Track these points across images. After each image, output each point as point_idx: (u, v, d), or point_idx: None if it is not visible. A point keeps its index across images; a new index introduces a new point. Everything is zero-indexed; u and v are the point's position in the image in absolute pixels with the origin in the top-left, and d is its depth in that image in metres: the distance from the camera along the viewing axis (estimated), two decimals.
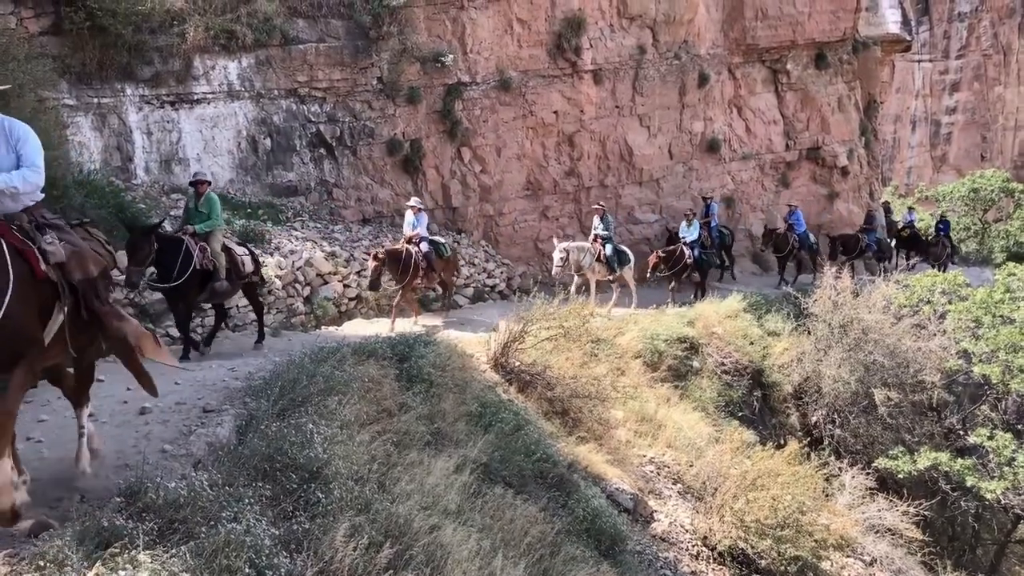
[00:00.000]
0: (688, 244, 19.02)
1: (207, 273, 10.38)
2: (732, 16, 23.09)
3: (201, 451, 6.36)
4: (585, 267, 16.51)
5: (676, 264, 18.56)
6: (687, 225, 19.47)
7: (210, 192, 11.00)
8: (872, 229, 24.26)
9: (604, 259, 16.85)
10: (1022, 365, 14.81)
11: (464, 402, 9.21)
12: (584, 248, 16.71)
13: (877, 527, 12.86)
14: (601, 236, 17.19)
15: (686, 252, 18.78)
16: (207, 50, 15.07)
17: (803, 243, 21.84)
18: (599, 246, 16.94)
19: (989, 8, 52.38)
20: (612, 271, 17.08)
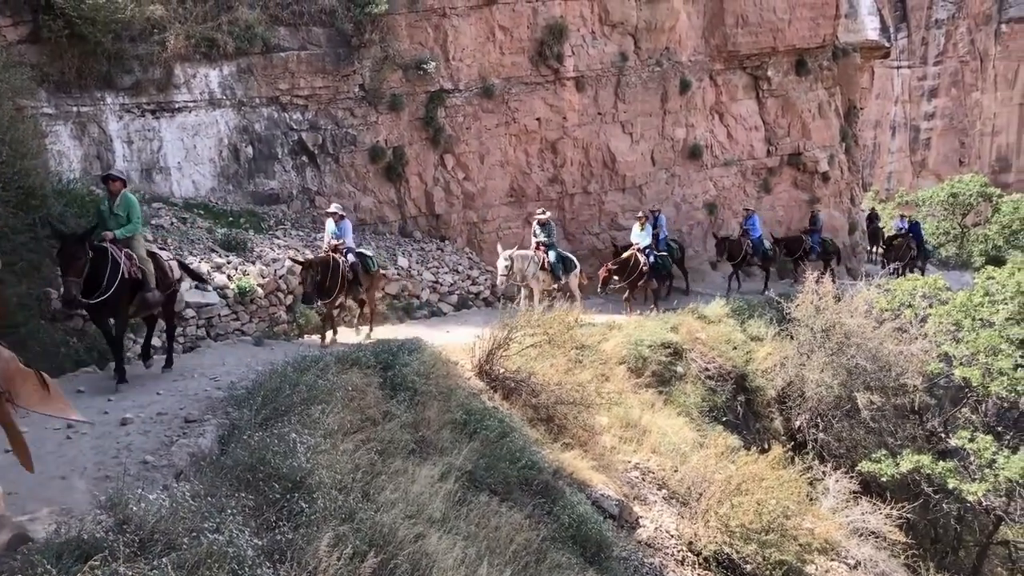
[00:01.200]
0: (641, 250, 17.80)
1: (136, 283, 9.30)
2: (713, 23, 23.24)
3: (183, 462, 6.31)
4: (529, 276, 15.59)
5: (631, 273, 17.43)
6: (639, 229, 18.16)
7: (126, 192, 9.69)
8: (816, 231, 23.61)
9: (548, 267, 15.87)
10: (1002, 368, 14.93)
11: (449, 410, 9.19)
12: (528, 256, 15.69)
13: (861, 530, 12.93)
14: (543, 243, 16.12)
15: (640, 259, 17.60)
16: (188, 58, 15.00)
17: (757, 250, 21.23)
18: (542, 254, 15.93)
19: (966, 15, 53.00)
20: (556, 279, 16.07)
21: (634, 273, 17.44)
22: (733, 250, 20.70)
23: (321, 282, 12.19)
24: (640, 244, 17.84)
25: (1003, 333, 15.42)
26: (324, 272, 12.28)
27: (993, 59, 53.71)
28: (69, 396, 8.13)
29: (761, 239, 21.36)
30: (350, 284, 12.92)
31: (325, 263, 12.41)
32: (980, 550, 16.27)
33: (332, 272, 12.44)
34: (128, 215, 9.47)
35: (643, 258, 17.62)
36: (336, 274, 12.49)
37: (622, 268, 17.29)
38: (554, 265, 15.93)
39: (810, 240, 23.12)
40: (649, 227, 18.30)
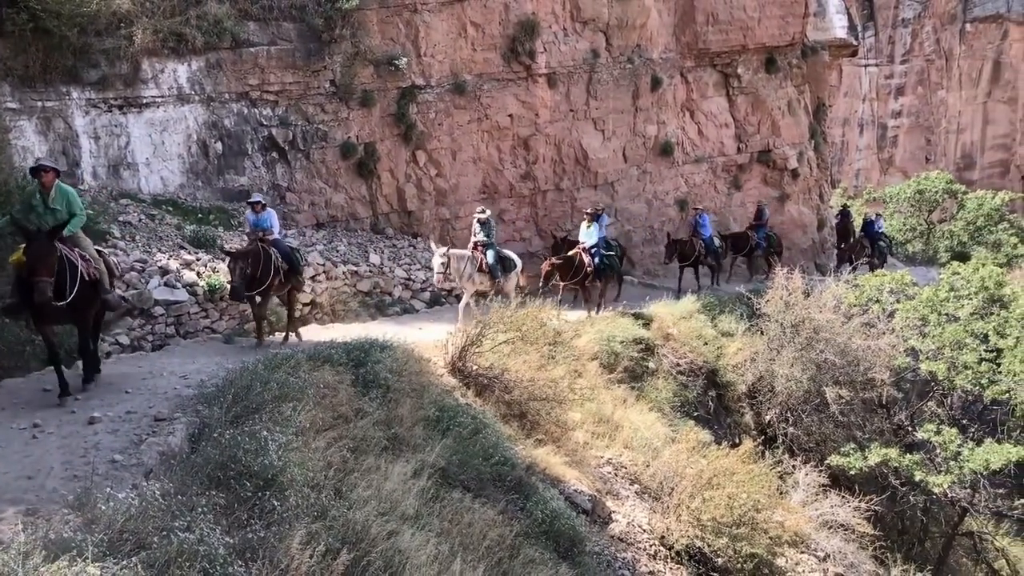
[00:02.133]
0: (587, 249, 16.88)
1: (94, 285, 8.46)
2: (684, 21, 23.37)
3: (153, 460, 6.25)
4: (464, 277, 14.72)
5: (576, 273, 16.51)
6: (587, 228, 17.27)
7: (60, 183, 8.58)
8: (762, 224, 23.41)
9: (487, 268, 14.91)
10: (967, 362, 15.19)
11: (422, 406, 9.18)
12: (465, 256, 14.84)
13: (830, 523, 13.10)
14: (482, 243, 15.17)
15: (586, 259, 16.69)
16: (156, 53, 14.82)
17: (709, 249, 20.96)
18: (480, 254, 14.98)
19: (931, 14, 53.69)
20: (494, 280, 15.08)
21: (579, 273, 16.61)
22: (684, 251, 20.40)
23: (252, 275, 11.31)
24: (587, 243, 17.04)
25: (968, 328, 15.70)
26: (255, 264, 11.34)
27: (958, 58, 54.49)
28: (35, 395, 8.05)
29: (712, 238, 21.22)
30: (285, 277, 12.03)
31: (255, 254, 11.44)
32: (946, 541, 16.54)
33: (264, 264, 11.49)
34: (68, 208, 8.48)
35: (588, 258, 16.79)
36: (268, 267, 11.56)
37: (566, 267, 16.40)
38: (492, 266, 14.99)
39: (756, 235, 23.01)
40: (596, 225, 17.37)
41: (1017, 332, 15.52)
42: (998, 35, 54.17)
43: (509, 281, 15.41)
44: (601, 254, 17.18)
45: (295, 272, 12.42)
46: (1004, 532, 17.35)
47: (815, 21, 26.88)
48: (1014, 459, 14.17)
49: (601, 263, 17.09)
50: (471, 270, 14.80)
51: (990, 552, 16.99)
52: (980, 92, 55.05)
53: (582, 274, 16.58)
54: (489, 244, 15.23)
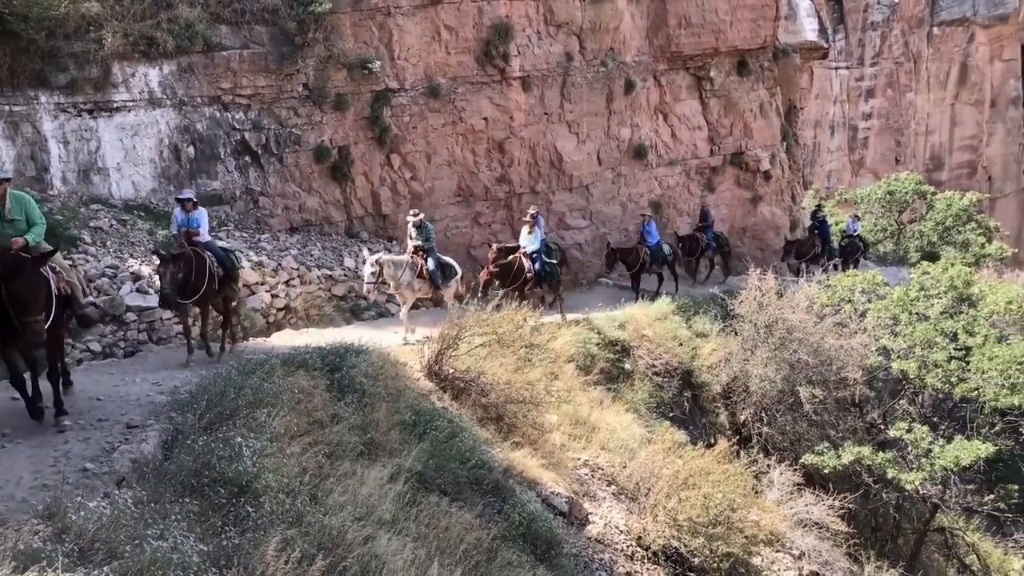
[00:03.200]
0: (528, 255, 16.16)
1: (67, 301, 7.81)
2: (656, 24, 23.49)
3: (125, 468, 6.19)
4: (403, 284, 13.89)
5: (515, 279, 15.72)
6: (527, 232, 16.51)
7: (12, 191, 7.85)
8: (708, 226, 22.92)
9: (427, 275, 14.15)
10: (937, 360, 15.40)
11: (398, 411, 9.16)
12: (401, 262, 13.99)
13: (805, 521, 13.21)
14: (421, 248, 14.35)
15: (526, 264, 15.93)
16: (126, 57, 14.67)
17: (655, 256, 20.19)
18: (420, 260, 14.19)
19: (900, 18, 54.40)
20: (436, 288, 14.41)
21: (518, 279, 15.77)
22: (627, 258, 19.89)
23: (184, 281, 10.31)
24: (527, 248, 16.27)
25: (938, 326, 15.92)
26: (187, 269, 10.36)
27: (926, 61, 55.27)
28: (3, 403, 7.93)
29: (659, 244, 20.49)
30: (220, 283, 11.07)
31: (187, 258, 10.42)
32: (918, 537, 16.74)
33: (197, 269, 10.53)
34: (27, 218, 7.74)
35: (528, 263, 16.03)
36: (202, 272, 10.61)
37: (505, 273, 15.61)
38: (433, 273, 14.18)
39: (706, 237, 22.69)
40: (539, 231, 16.70)
41: (985, 330, 15.78)
42: (965, 38, 55.03)
43: (449, 289, 14.79)
44: (542, 260, 16.48)
45: (231, 278, 11.45)
46: (974, 528, 17.59)
47: (786, 24, 27.15)
48: (983, 455, 14.39)
49: (542, 269, 16.41)
50: (410, 277, 14.00)
51: (961, 547, 17.22)
52: (948, 94, 55.89)
53: (522, 280, 15.84)
54: (429, 249, 14.40)
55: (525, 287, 15.94)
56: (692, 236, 22.70)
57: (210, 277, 10.70)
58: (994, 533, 18.02)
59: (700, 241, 22.50)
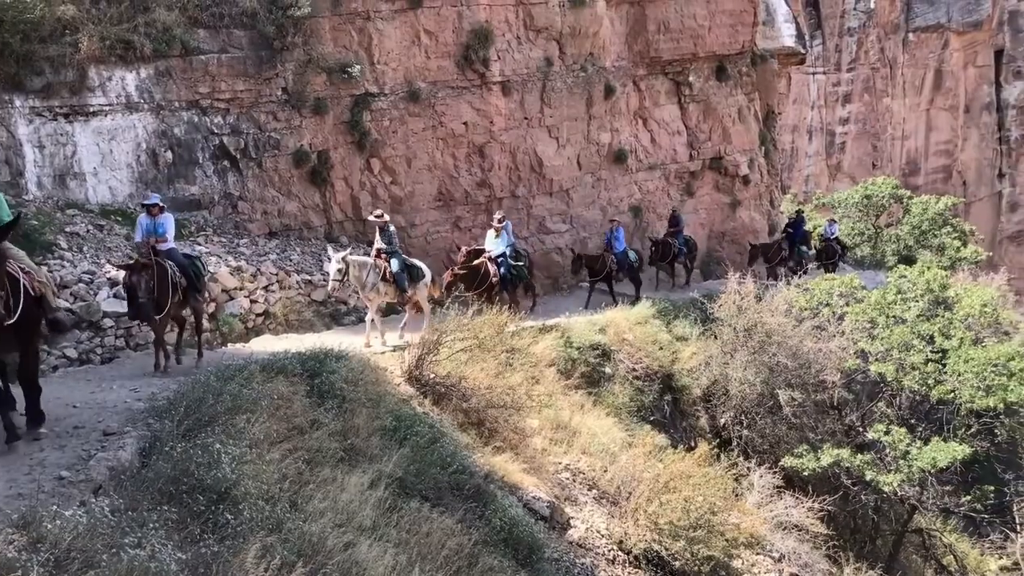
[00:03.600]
0: (494, 259, 16.11)
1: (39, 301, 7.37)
2: (636, 29, 23.61)
3: (102, 476, 6.11)
4: (368, 287, 13.52)
5: (481, 283, 15.62)
6: (493, 236, 16.51)
7: None
8: (679, 230, 22.63)
9: (391, 277, 13.74)
10: (914, 363, 15.56)
11: (378, 416, 9.13)
12: (367, 264, 13.63)
13: (785, 524, 13.29)
14: (384, 250, 14.01)
15: (491, 268, 15.86)
16: (103, 60, 14.54)
17: (621, 264, 20.04)
18: (383, 262, 13.82)
19: (875, 24, 55.02)
20: (402, 291, 13.99)
21: (484, 284, 15.65)
22: (593, 265, 19.66)
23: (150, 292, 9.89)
24: (493, 252, 16.20)
25: (915, 329, 16.08)
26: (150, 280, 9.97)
27: (901, 66, 55.93)
28: None
29: (626, 252, 20.31)
30: (184, 294, 10.64)
31: (148, 268, 10.02)
32: (896, 539, 16.89)
33: (160, 280, 10.10)
34: None
35: (494, 268, 15.93)
36: (164, 283, 10.16)
37: (470, 277, 15.51)
38: (398, 275, 13.78)
39: (677, 242, 22.33)
40: (505, 235, 16.61)
41: (961, 333, 15.95)
42: (939, 44, 55.75)
43: (419, 292, 14.42)
44: (508, 264, 16.36)
45: (195, 288, 10.95)
46: (951, 528, 17.78)
47: (764, 30, 27.36)
48: (960, 457, 14.55)
49: (508, 273, 16.27)
50: (374, 279, 13.57)
51: (938, 548, 17.40)
52: (923, 99, 56.59)
53: (487, 284, 15.69)
54: (393, 252, 14.01)
55: (491, 292, 15.67)
56: (664, 241, 22.37)
57: (172, 289, 10.28)
58: (971, 534, 18.22)
59: (672, 246, 22.22)
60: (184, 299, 10.71)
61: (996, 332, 17.16)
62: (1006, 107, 57.73)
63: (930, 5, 55.39)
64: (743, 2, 25.31)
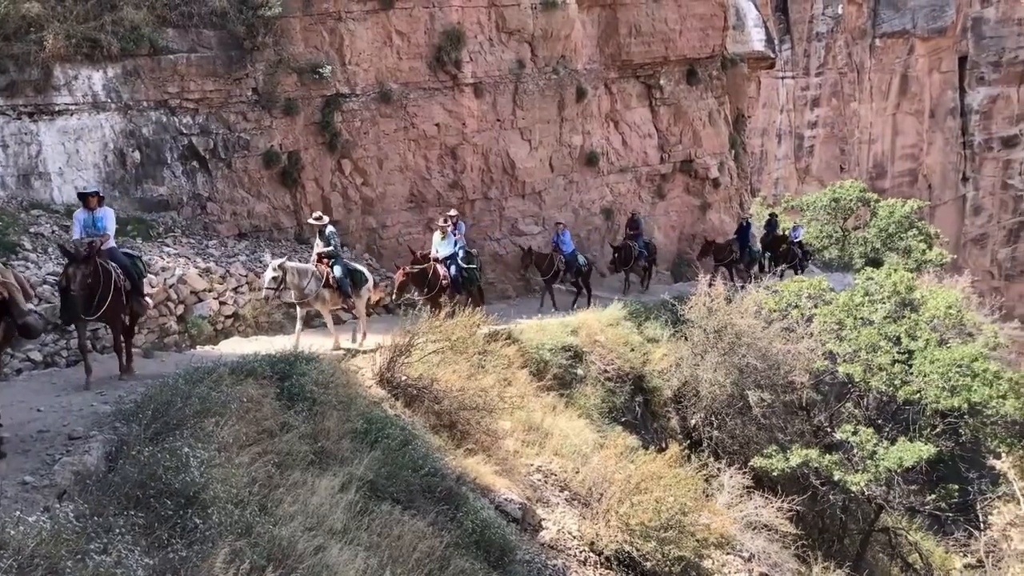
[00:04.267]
0: (441, 261, 15.51)
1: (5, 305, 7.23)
2: (607, 32, 23.72)
3: (66, 481, 6.03)
4: (310, 294, 12.86)
5: (431, 286, 15.10)
6: (440, 238, 15.92)
7: None
8: (639, 234, 22.36)
9: (334, 283, 13.10)
10: (881, 364, 15.76)
11: (349, 419, 9.08)
12: (307, 271, 12.95)
13: (754, 524, 13.40)
14: (325, 255, 13.36)
15: (440, 271, 15.31)
16: (69, 59, 14.33)
17: (570, 265, 19.55)
18: (325, 268, 13.17)
19: (843, 29, 55.79)
20: (345, 297, 13.38)
21: (434, 287, 15.10)
22: (541, 264, 19.19)
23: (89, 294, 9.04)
24: (439, 254, 15.60)
25: (882, 331, 16.30)
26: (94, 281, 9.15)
27: (868, 71, 56.75)
28: None
29: (575, 254, 19.79)
30: (128, 298, 9.80)
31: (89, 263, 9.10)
32: (863, 537, 17.10)
33: (104, 282, 9.22)
34: None
35: (443, 270, 15.36)
36: (108, 285, 9.27)
37: (418, 279, 15.05)
38: (341, 281, 13.13)
39: (638, 245, 22.03)
40: (452, 236, 16.15)
41: (926, 335, 16.20)
42: (905, 50, 56.67)
43: (360, 299, 13.89)
44: (459, 266, 15.77)
45: (138, 291, 10.13)
46: (917, 527, 18.04)
47: (734, 34, 27.61)
48: (925, 457, 14.77)
49: (459, 275, 15.66)
50: (316, 286, 12.91)
51: (904, 547, 17.66)
52: (890, 104, 57.47)
53: (437, 287, 15.14)
54: (335, 256, 13.41)
55: (441, 294, 15.14)
56: (625, 245, 21.98)
57: (116, 291, 9.42)
58: (936, 532, 18.50)
59: (633, 250, 21.87)
60: (127, 303, 9.88)
61: (960, 333, 17.42)
62: (969, 112, 58.82)
63: (896, 11, 56.28)
64: (713, 6, 25.51)
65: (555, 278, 19.51)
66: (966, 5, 57.69)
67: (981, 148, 58.90)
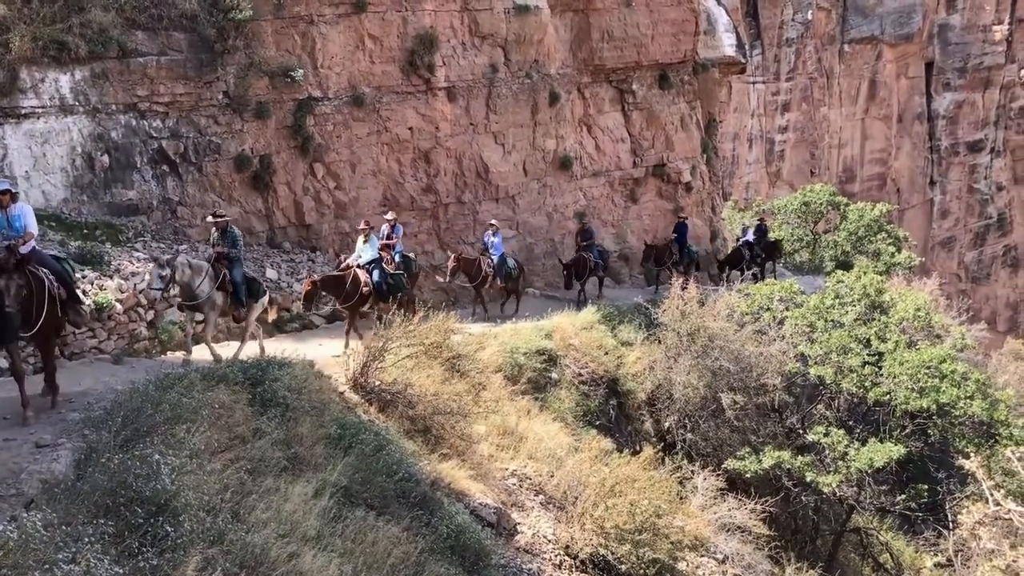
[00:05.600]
0: (364, 267, 14.46)
1: None
2: (580, 37, 23.81)
3: (34, 490, 5.94)
4: (201, 296, 11.34)
5: (350, 295, 14.01)
6: (362, 242, 14.93)
7: None
8: (592, 243, 21.57)
9: (230, 286, 11.78)
10: (851, 365, 15.92)
11: (322, 425, 9.02)
12: (201, 268, 11.45)
13: (728, 525, 13.47)
14: (224, 254, 12.05)
15: (362, 277, 14.18)
16: (35, 62, 14.14)
17: (498, 270, 18.55)
18: (222, 267, 11.80)
19: (813, 35, 56.44)
20: (239, 305, 12.06)
21: (354, 296, 14.01)
22: (470, 270, 18.06)
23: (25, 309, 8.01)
24: (361, 259, 14.60)
25: (852, 333, 16.46)
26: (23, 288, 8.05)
27: (838, 76, 57.46)
28: None
29: (504, 258, 18.84)
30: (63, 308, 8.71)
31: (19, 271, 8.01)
32: (835, 538, 17.25)
33: (38, 293, 8.18)
34: None
35: (364, 276, 14.24)
36: (42, 296, 8.22)
37: (336, 288, 13.90)
38: (237, 285, 11.87)
39: (592, 256, 21.17)
40: (375, 239, 15.09)
41: (896, 337, 16.38)
42: (873, 56, 57.47)
43: (252, 311, 12.55)
44: (383, 271, 14.63)
45: (73, 299, 8.94)
46: (888, 527, 18.22)
47: (705, 39, 27.81)
48: (895, 457, 14.93)
49: (382, 282, 14.46)
50: (209, 288, 11.44)
51: (875, 546, 17.83)
52: (859, 109, 58.25)
53: (357, 295, 14.02)
54: (235, 258, 12.07)
55: (362, 304, 14.23)
56: (580, 259, 20.99)
57: (51, 302, 8.32)
58: (906, 532, 18.69)
59: (588, 262, 20.93)
60: (64, 315, 8.71)
61: (929, 335, 17.62)
62: (936, 117, 59.81)
63: (864, 18, 57.05)
64: (685, 12, 25.70)
65: (484, 283, 18.39)
66: (932, 12, 58.68)
67: (947, 152, 59.92)
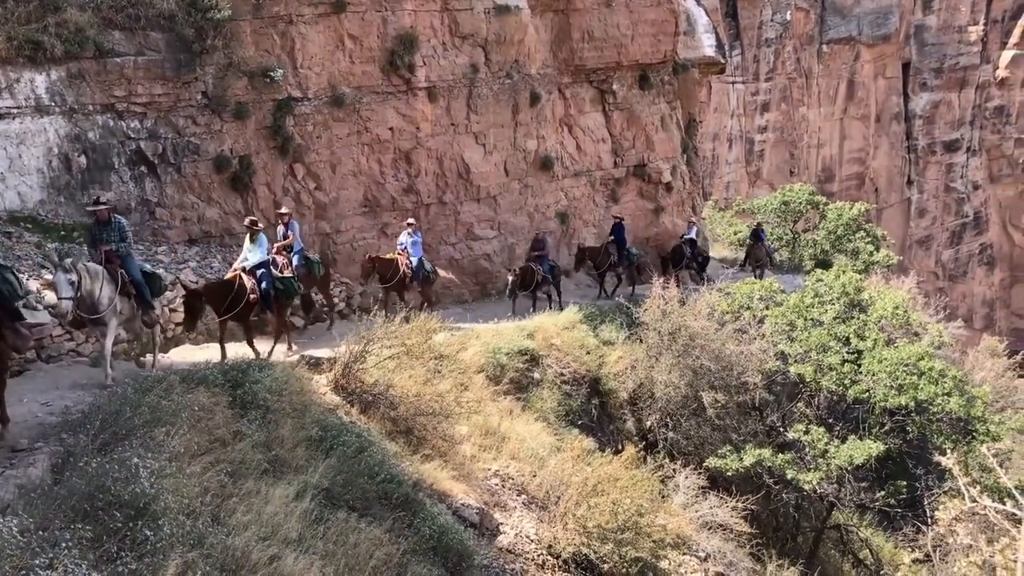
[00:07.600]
0: (250, 271, 12.73)
1: None
2: (560, 37, 23.84)
3: (10, 495, 5.87)
4: (103, 305, 10.02)
5: (236, 304, 12.18)
6: (249, 242, 13.18)
7: None
8: (544, 255, 20.62)
9: (133, 288, 10.62)
10: (831, 363, 16.05)
11: (303, 427, 8.99)
12: (98, 272, 10.13)
13: (710, 524, 13.55)
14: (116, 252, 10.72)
15: (247, 283, 12.44)
16: (10, 61, 13.98)
17: (415, 273, 17.35)
18: (116, 268, 10.56)
19: (792, 35, 56.77)
20: (148, 307, 10.95)
21: (239, 303, 12.16)
22: (385, 272, 16.85)
23: None
24: (248, 263, 12.85)
25: (831, 331, 16.59)
26: None
27: (817, 77, 57.84)
28: None
29: (421, 261, 17.57)
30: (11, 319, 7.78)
31: None
32: (816, 535, 17.38)
33: None
34: None
35: (251, 282, 12.49)
36: None
37: (218, 295, 12.10)
38: (140, 285, 10.67)
39: (542, 269, 20.17)
40: (263, 239, 13.27)
41: (874, 335, 16.53)
42: (851, 56, 57.89)
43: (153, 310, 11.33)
44: (271, 277, 13.04)
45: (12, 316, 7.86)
46: (867, 523, 18.37)
47: (685, 40, 27.90)
48: (874, 454, 15.05)
49: (269, 289, 12.76)
50: (110, 292, 10.11)
51: (855, 543, 17.97)
52: (837, 109, 58.64)
53: (243, 303, 12.20)
54: (124, 254, 10.71)
55: (249, 312, 12.47)
56: (527, 268, 19.90)
57: None
58: (885, 528, 18.85)
59: (536, 274, 19.86)
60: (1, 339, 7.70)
61: (907, 333, 17.79)
62: (913, 117, 60.34)
63: (842, 18, 57.46)
64: (664, 12, 25.78)
65: (401, 285, 17.23)
66: (909, 13, 59.19)
67: (924, 152, 60.47)
